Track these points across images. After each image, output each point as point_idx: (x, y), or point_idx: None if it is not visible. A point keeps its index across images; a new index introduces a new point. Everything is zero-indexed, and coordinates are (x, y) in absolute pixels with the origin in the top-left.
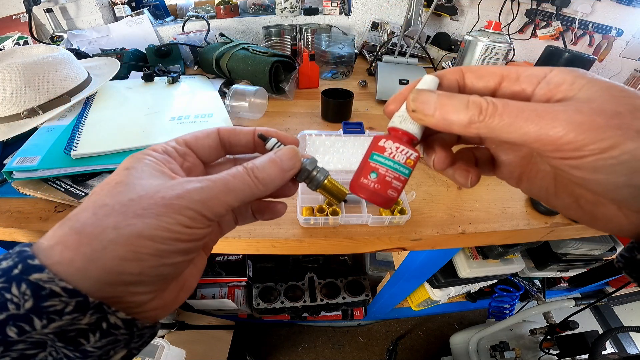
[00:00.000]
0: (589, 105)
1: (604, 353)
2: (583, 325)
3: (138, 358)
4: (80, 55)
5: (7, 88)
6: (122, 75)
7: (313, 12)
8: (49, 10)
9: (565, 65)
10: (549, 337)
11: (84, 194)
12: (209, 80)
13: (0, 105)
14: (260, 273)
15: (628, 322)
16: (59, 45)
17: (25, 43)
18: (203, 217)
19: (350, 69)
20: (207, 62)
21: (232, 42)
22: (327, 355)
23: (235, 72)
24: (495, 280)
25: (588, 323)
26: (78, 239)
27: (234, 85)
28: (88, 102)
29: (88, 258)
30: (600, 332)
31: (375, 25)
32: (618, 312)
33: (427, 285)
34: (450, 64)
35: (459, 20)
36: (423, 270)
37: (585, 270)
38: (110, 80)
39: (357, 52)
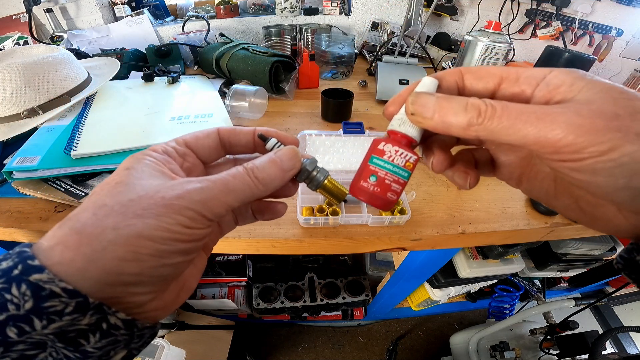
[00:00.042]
0: (588, 107)
1: (604, 353)
2: (583, 325)
3: (138, 358)
4: (80, 55)
5: (7, 88)
6: (122, 75)
7: (313, 12)
8: (49, 10)
9: (565, 66)
10: (549, 337)
11: (84, 194)
12: (209, 80)
13: (0, 105)
14: (260, 273)
15: (628, 322)
16: (59, 45)
17: (25, 43)
18: (203, 217)
19: (350, 69)
20: (207, 62)
21: (232, 42)
22: (327, 355)
23: (235, 72)
24: (495, 280)
25: (588, 323)
26: (78, 239)
27: (234, 85)
28: (88, 102)
29: (88, 258)
30: (600, 332)
31: (375, 25)
32: (618, 312)
33: (427, 285)
34: (450, 64)
35: (459, 20)
36: (423, 270)
37: (585, 270)
38: (110, 80)
39: (357, 52)
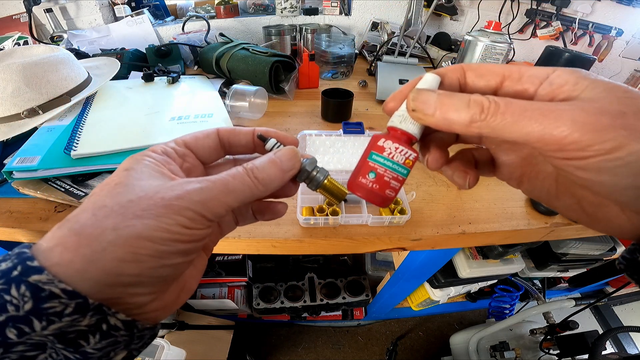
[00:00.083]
0: (594, 105)
1: (604, 353)
2: (583, 325)
3: (138, 358)
4: (80, 55)
5: (7, 88)
6: (122, 75)
7: (313, 12)
8: (49, 10)
9: (565, 66)
10: (549, 337)
11: (84, 194)
12: (209, 80)
13: (0, 105)
14: (260, 273)
15: (628, 322)
16: (59, 45)
17: (25, 43)
18: (203, 217)
19: (350, 69)
20: (207, 62)
21: (232, 42)
22: (327, 355)
23: (235, 72)
24: (495, 280)
25: (588, 323)
26: (77, 240)
27: (234, 85)
28: (88, 102)
29: (87, 259)
30: (600, 332)
31: (375, 25)
32: (618, 312)
33: (427, 285)
34: (450, 64)
35: (459, 20)
36: (423, 270)
37: (585, 270)
38: (110, 80)
39: (357, 52)
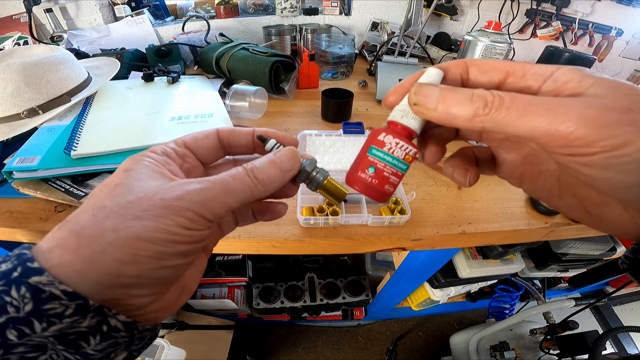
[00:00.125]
0: (601, 101)
1: (604, 353)
2: (583, 325)
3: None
4: (80, 55)
5: (7, 88)
6: (122, 75)
7: (313, 12)
8: (49, 10)
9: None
10: (549, 337)
11: (84, 194)
12: (209, 80)
13: (0, 105)
14: (260, 273)
15: (628, 322)
16: (59, 45)
17: (25, 43)
18: (203, 218)
19: (350, 69)
20: (207, 62)
21: (232, 42)
22: (327, 355)
23: (235, 72)
24: (495, 280)
25: (588, 323)
26: (77, 241)
27: (234, 85)
28: (88, 102)
29: (87, 260)
30: (600, 332)
31: (375, 25)
32: (618, 312)
33: (427, 285)
34: None
35: (459, 20)
36: (423, 270)
37: (585, 270)
38: (110, 80)
39: (357, 52)
